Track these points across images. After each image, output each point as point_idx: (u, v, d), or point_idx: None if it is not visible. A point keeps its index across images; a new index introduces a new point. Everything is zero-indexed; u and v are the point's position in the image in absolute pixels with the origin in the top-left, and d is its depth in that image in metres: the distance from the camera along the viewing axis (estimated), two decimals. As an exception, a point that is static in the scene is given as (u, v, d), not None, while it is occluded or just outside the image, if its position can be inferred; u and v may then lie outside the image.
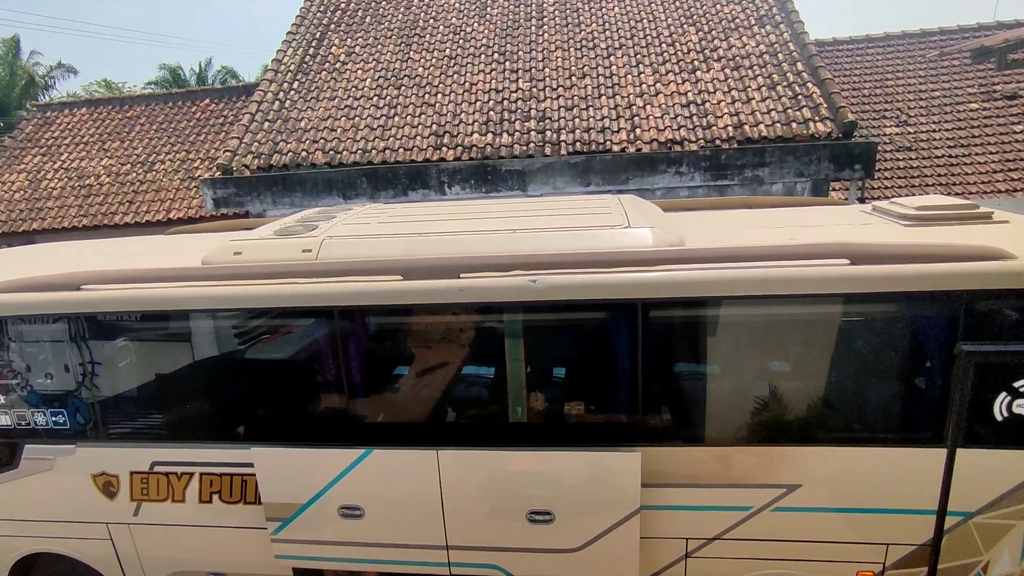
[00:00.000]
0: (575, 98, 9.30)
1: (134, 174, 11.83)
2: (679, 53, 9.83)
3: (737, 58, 9.51)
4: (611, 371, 3.77)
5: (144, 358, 4.37)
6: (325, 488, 3.93)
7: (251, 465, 4.04)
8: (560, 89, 9.49)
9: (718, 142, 8.36)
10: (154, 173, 11.78)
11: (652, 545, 3.84)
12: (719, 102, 8.86)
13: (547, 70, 9.86)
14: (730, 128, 8.46)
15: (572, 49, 10.23)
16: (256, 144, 9.27)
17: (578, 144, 8.59)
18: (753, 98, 8.79)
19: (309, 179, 8.86)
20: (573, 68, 9.82)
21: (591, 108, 9.09)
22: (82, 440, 4.34)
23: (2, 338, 4.31)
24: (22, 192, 11.77)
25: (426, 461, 3.81)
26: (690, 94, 9.06)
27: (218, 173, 9.11)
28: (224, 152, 9.33)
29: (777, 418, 3.64)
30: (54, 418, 4.36)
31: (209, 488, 4.22)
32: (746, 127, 8.39)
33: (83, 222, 10.89)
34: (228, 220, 8.35)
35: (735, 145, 8.29)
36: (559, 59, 10.04)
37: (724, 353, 3.72)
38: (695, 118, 8.71)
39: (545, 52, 10.23)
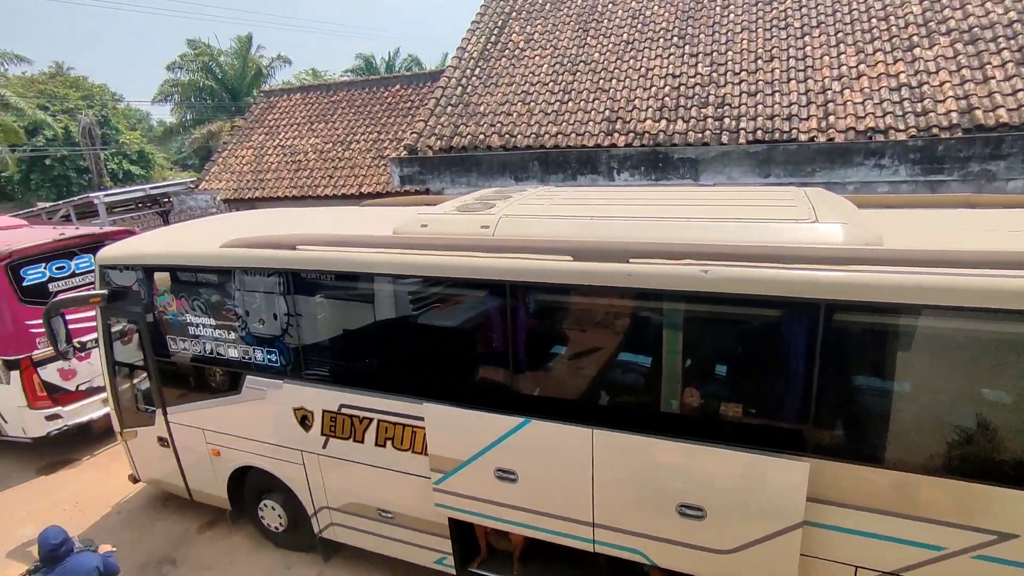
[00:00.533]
0: (759, 83, 8.67)
1: (334, 152, 13.38)
2: (894, 28, 8.68)
3: (975, 29, 8.16)
4: (781, 374, 3.54)
5: (338, 313, 5.00)
6: (485, 449, 4.22)
7: (421, 419, 4.46)
8: (743, 73, 8.91)
9: (936, 130, 7.28)
10: (350, 151, 13.21)
11: (814, 565, 3.58)
12: (942, 83, 7.69)
13: (730, 53, 9.30)
14: (954, 114, 7.30)
15: (760, 30, 9.53)
16: (439, 127, 9.98)
17: (759, 132, 8.02)
18: (993, 77, 7.48)
19: (485, 161, 9.35)
20: (760, 51, 9.15)
21: (777, 93, 8.42)
22: (287, 378, 5.10)
23: (232, 285, 5.20)
24: (249, 165, 13.93)
25: (580, 438, 3.91)
26: (903, 75, 7.98)
27: (404, 153, 9.97)
28: (411, 134, 10.19)
29: (990, 452, 3.15)
30: (268, 357, 5.17)
31: (384, 434, 4.74)
32: (978, 112, 7.18)
33: (292, 192, 12.61)
34: (413, 196, 9.13)
35: (959, 133, 7.16)
36: (744, 41, 9.41)
37: (920, 370, 3.31)
38: (907, 103, 7.67)
39: (729, 34, 9.65)
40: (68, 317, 6.15)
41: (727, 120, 8.34)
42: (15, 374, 7.34)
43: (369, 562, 5.50)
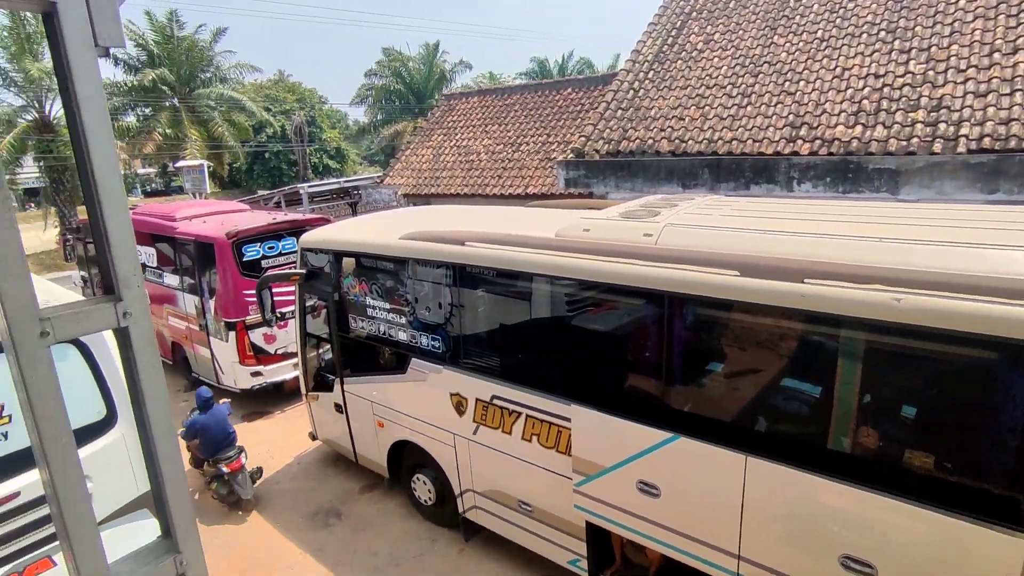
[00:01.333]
0: (992, 81, 7.39)
1: (504, 153, 13.99)
2: None
3: None
4: (991, 427, 3.02)
5: (498, 308, 5.25)
6: (629, 459, 4.16)
7: (568, 419, 4.52)
8: (971, 71, 7.66)
9: None
10: (519, 153, 13.73)
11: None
12: None
13: (955, 47, 8.04)
14: None
15: (1001, 17, 8.08)
16: (608, 130, 9.97)
17: (987, 140, 6.85)
18: None
19: (652, 166, 9.16)
20: (998, 42, 7.78)
21: (1017, 93, 7.12)
22: (447, 364, 5.47)
23: (406, 274, 5.69)
24: (427, 163, 15.11)
25: (731, 463, 3.69)
26: None
27: (571, 156, 10.11)
28: (579, 137, 10.30)
29: None
30: (432, 343, 5.58)
31: (531, 429, 4.88)
32: None
33: (464, 190, 13.42)
34: (576, 199, 9.24)
35: None
36: (976, 32, 8.07)
37: None
38: None
39: (956, 24, 8.34)
40: (274, 291, 7.20)
41: (943, 126, 7.25)
42: (232, 334, 8.76)
43: (506, 548, 5.71)
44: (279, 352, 9.11)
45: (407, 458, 6.42)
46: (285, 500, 7.01)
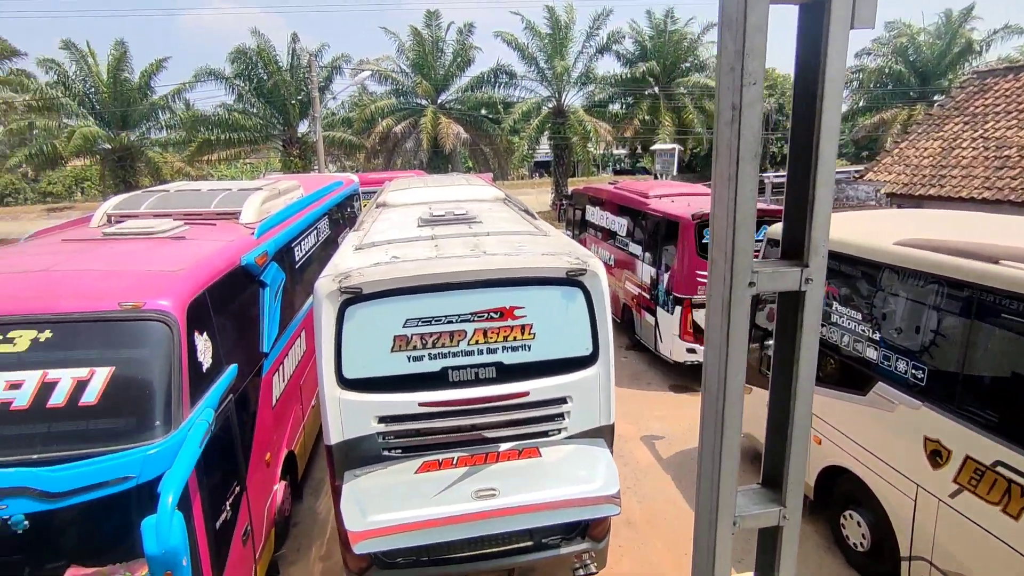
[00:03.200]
0: None
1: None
2: None
3: None
4: None
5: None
6: None
7: None
8: None
9: None
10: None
11: None
12: None
13: None
14: None
15: None
16: None
17: None
18: None
19: None
20: None
21: None
22: (928, 401, 4.51)
23: (894, 285, 4.87)
24: (931, 159, 12.46)
25: None
26: None
27: None
28: None
29: None
30: (913, 371, 4.68)
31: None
32: None
33: (985, 195, 10.55)
34: None
35: None
36: None
37: None
38: None
39: None
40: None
41: None
42: (678, 309, 9.34)
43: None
44: (716, 336, 9.27)
45: (841, 486, 5.69)
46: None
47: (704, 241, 9.11)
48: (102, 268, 4.41)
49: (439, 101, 28.33)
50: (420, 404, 4.28)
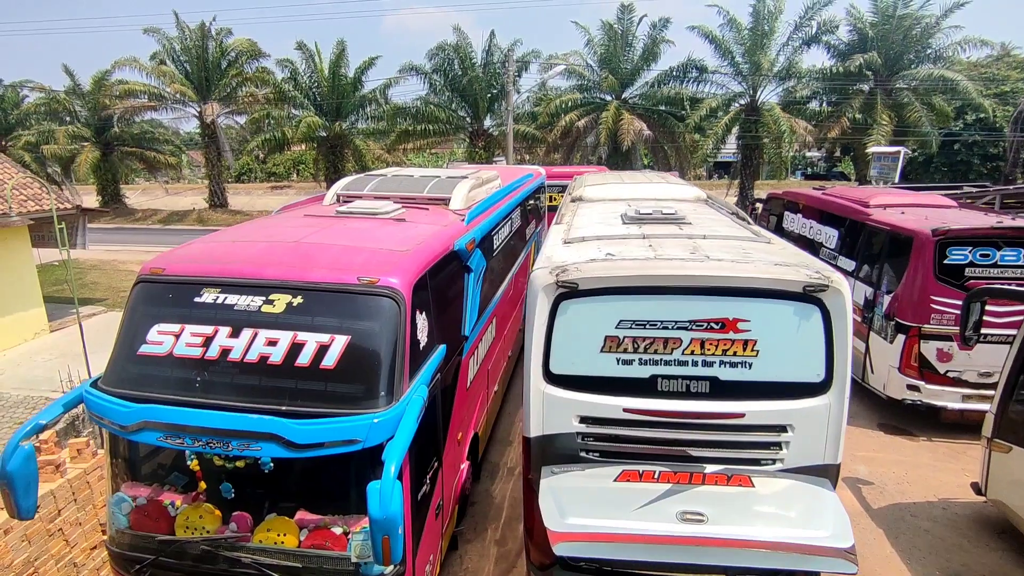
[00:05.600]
0: None
1: None
2: None
3: None
4: None
5: None
6: None
7: None
8: None
9: None
10: None
11: None
12: None
13: None
14: None
15: None
16: None
17: None
18: None
19: None
20: None
21: None
22: None
23: None
24: None
25: None
26: None
27: None
28: None
29: None
30: None
31: None
32: None
33: None
34: None
35: None
36: None
37: None
38: None
39: None
40: (988, 307, 6.03)
41: None
42: (901, 337, 8.02)
43: None
44: (950, 375, 7.82)
45: None
46: (919, 540, 6.11)
47: (945, 262, 7.70)
48: (341, 243, 4.81)
49: (623, 96, 27.79)
50: (625, 410, 4.07)
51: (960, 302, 6.23)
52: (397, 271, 4.23)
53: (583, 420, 4.15)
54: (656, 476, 4.05)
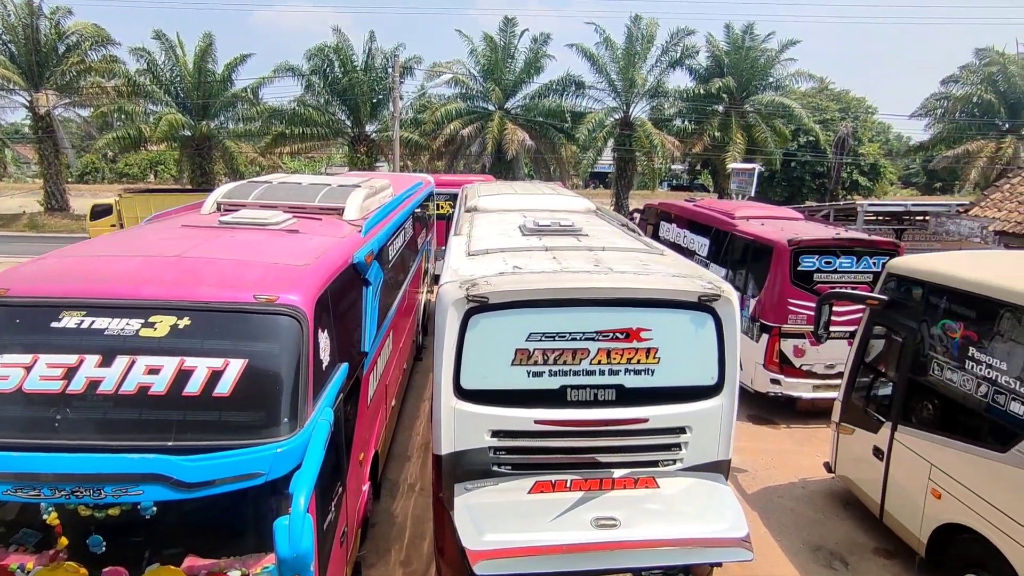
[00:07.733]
0: None
1: None
2: None
3: None
4: None
5: None
6: None
7: None
8: None
9: None
10: None
11: None
12: None
13: None
14: None
15: None
16: None
17: None
18: None
19: None
20: None
21: None
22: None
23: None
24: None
25: None
26: None
27: None
28: None
29: None
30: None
31: None
32: None
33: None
34: None
35: None
36: None
37: None
38: None
39: None
40: (834, 308, 6.89)
41: None
42: (765, 337, 8.93)
43: None
44: (803, 368, 8.83)
45: (961, 547, 5.25)
46: (786, 518, 6.82)
47: (799, 268, 8.69)
48: (231, 257, 4.41)
49: (505, 107, 28.38)
50: (536, 421, 4.13)
51: (811, 304, 7.09)
52: (297, 287, 3.96)
53: (495, 434, 4.15)
54: (568, 485, 4.14)
